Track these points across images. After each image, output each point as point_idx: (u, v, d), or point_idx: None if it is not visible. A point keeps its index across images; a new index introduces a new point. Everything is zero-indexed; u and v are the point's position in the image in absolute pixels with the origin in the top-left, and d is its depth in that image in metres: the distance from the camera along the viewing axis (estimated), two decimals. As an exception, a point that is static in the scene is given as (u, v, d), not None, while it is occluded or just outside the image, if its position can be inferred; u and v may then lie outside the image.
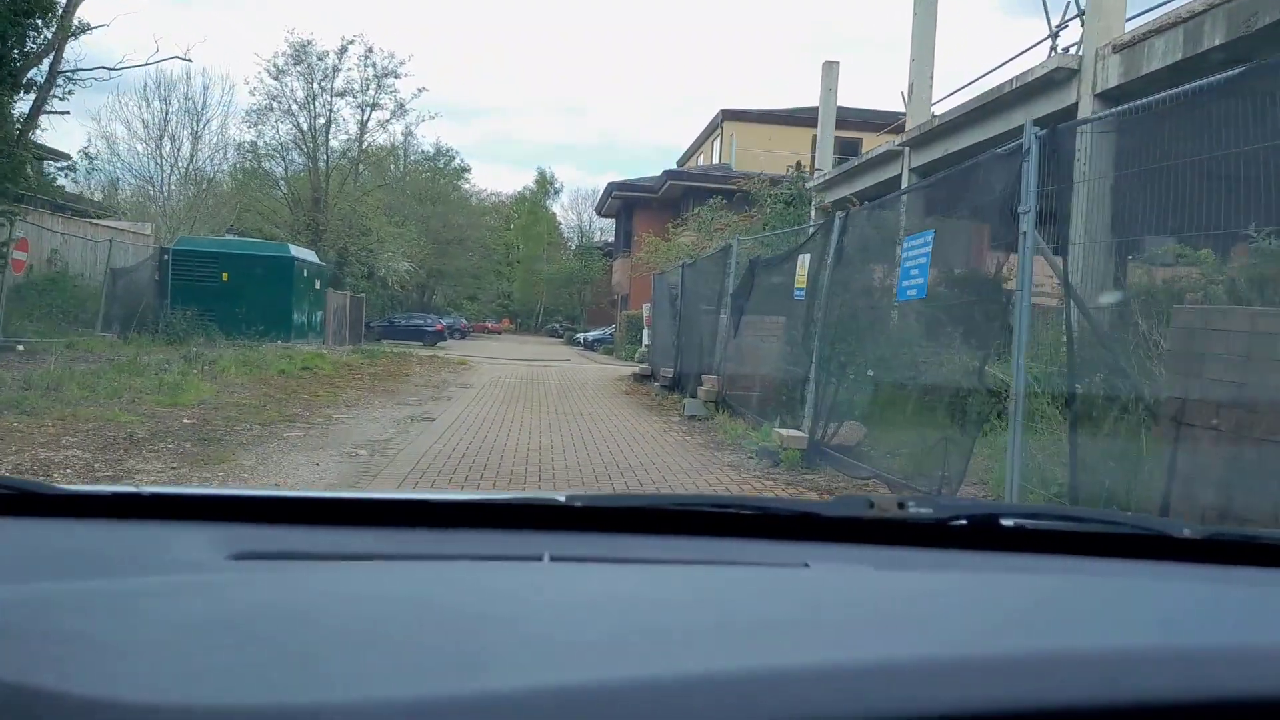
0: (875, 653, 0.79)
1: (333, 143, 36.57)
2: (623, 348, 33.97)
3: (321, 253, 34.91)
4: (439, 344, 42.63)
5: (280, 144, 35.28)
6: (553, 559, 1.19)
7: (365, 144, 37.16)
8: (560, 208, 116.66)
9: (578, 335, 56.35)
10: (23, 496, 1.28)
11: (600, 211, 44.97)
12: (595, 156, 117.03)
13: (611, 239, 67.44)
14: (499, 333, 76.07)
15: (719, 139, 37.75)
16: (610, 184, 37.95)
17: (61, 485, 1.39)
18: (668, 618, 0.90)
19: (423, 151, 62.79)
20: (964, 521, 1.36)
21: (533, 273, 75.55)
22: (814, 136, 38.33)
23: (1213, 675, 0.77)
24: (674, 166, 37.35)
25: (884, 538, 1.33)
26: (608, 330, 51.11)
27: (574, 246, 75.45)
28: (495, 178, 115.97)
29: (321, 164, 36.03)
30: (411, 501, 1.46)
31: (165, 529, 1.24)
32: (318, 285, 23.89)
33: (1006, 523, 1.37)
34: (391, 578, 1.07)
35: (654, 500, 1.61)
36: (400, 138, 54.01)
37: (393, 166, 58.49)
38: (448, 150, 61.08)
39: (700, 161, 38.94)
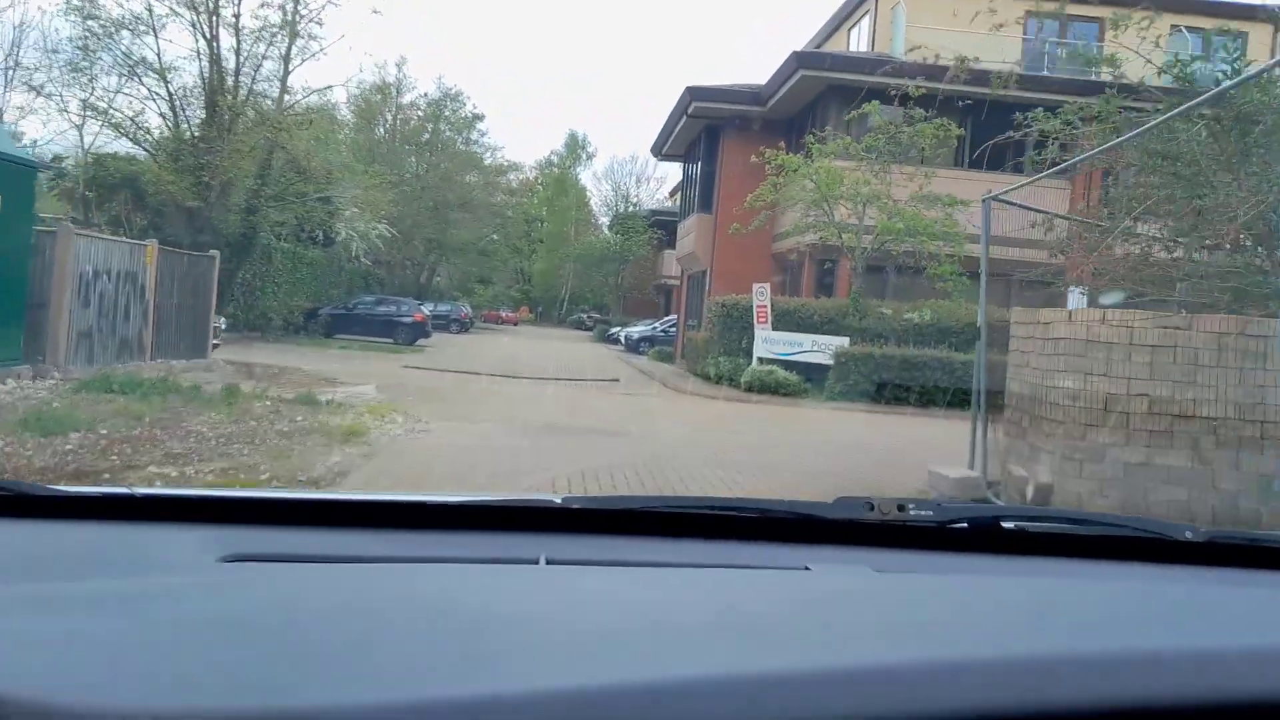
0: (876, 656, 0.78)
1: (246, 20, 21.14)
2: (711, 358, 18.63)
3: (206, 193, 19.74)
4: (419, 341, 27.87)
5: (149, 9, 19.86)
6: (549, 562, 1.14)
7: (298, 19, 21.58)
8: (592, 178, 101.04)
9: (614, 330, 41.16)
10: (16, 498, 1.23)
11: (660, 152, 29.16)
12: (631, 129, 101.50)
13: (660, 206, 51.99)
14: (514, 324, 61.11)
15: (869, 16, 22.27)
16: (688, 90, 22.50)
17: (55, 487, 1.30)
18: (665, 621, 0.88)
19: (422, 93, 47.96)
20: (965, 524, 1.31)
21: (558, 252, 60.09)
22: (1028, 12, 22.91)
23: (1214, 677, 0.75)
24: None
25: (885, 540, 1.28)
26: (658, 324, 35.91)
27: (609, 221, 59.66)
28: (518, 145, 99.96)
29: (228, 53, 20.66)
30: (405, 503, 1.36)
31: (157, 531, 1.19)
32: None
33: (1007, 525, 1.32)
34: (385, 580, 1.02)
35: (651, 502, 1.44)
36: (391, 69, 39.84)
37: (380, 99, 43.57)
38: (455, 93, 45.66)
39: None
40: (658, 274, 45.52)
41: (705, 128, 23.75)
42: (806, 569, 1.17)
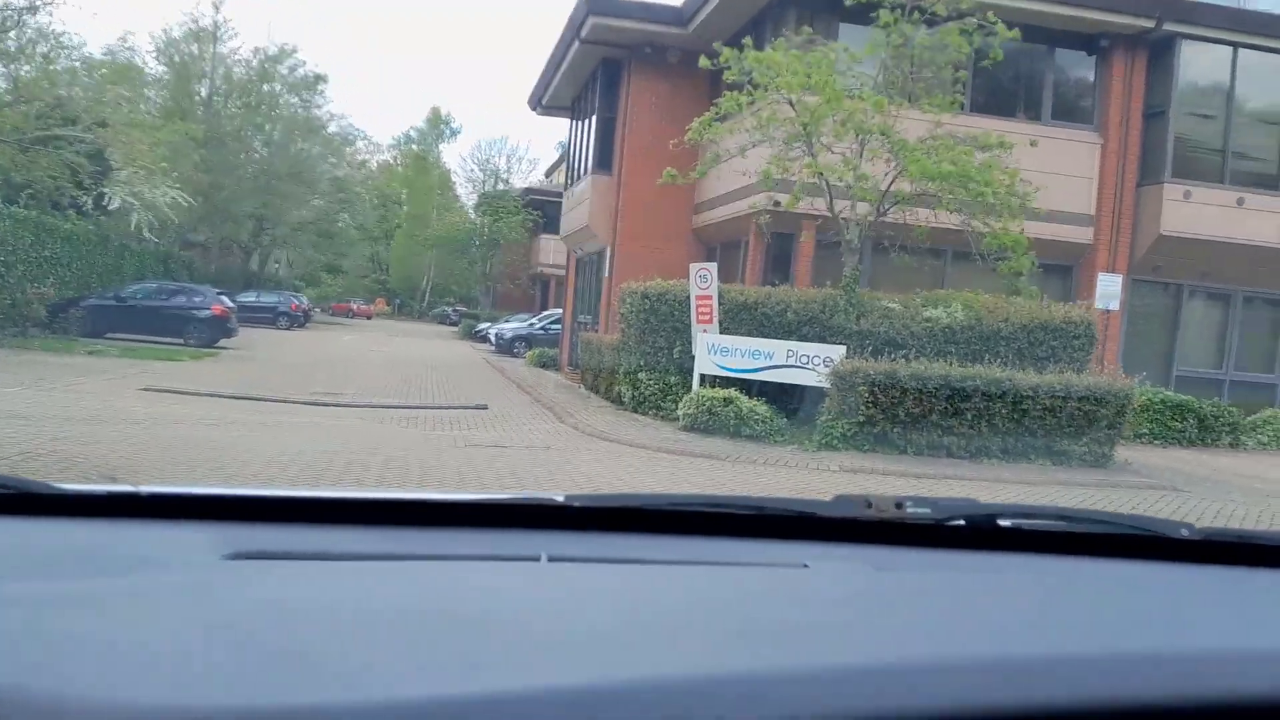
0: (873, 654, 0.78)
1: None
2: (624, 374, 12.48)
3: None
4: (220, 342, 20.76)
5: None
6: (550, 559, 1.11)
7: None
8: (459, 159, 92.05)
9: (483, 327, 34.38)
10: (21, 496, 1.18)
11: (539, 102, 22.16)
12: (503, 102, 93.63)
13: (534, 185, 44.77)
14: (368, 317, 53.09)
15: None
16: (584, 2, 16.06)
17: (60, 484, 1.24)
18: (665, 618, 0.88)
19: (253, 47, 39.66)
20: (962, 522, 1.28)
21: (418, 238, 52.42)
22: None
23: (1210, 676, 0.75)
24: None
25: (882, 538, 1.25)
26: (536, 321, 29.43)
27: (475, 202, 52.32)
28: (377, 124, 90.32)
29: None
30: (409, 501, 1.36)
31: (162, 528, 1.16)
32: None
33: (1004, 523, 1.29)
34: (388, 578, 1.02)
35: (652, 500, 1.39)
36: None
37: (195, 50, 35.11)
38: (290, 49, 37.64)
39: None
40: (533, 263, 38.90)
41: (603, 61, 17.50)
42: (805, 566, 1.15)
